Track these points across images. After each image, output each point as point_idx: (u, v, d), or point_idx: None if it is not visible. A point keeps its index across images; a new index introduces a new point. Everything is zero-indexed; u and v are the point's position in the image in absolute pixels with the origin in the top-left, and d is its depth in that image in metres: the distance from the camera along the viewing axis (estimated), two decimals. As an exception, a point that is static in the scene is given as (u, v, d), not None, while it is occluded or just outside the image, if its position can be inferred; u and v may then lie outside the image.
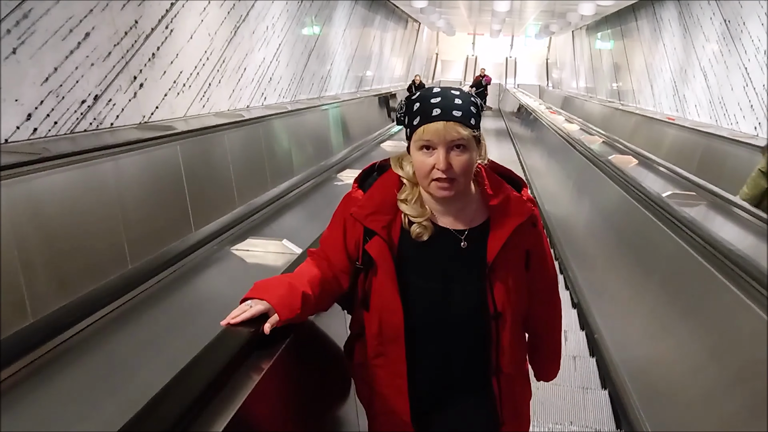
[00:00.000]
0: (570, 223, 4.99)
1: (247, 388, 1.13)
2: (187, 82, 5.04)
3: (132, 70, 4.22)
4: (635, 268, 3.10)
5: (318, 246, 1.43)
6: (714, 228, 2.44)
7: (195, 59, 5.17)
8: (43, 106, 3.41)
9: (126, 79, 4.15)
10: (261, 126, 5.51)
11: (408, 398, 1.35)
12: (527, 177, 8.06)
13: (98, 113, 3.89)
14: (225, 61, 5.76)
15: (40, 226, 2.70)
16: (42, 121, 3.41)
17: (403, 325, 1.30)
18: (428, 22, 18.80)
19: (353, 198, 1.36)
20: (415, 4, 12.72)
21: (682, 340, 2.30)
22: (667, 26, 10.46)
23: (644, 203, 3.07)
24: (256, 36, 6.55)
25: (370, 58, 13.77)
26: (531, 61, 25.24)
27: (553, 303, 1.49)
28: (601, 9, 12.53)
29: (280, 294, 1.28)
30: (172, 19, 4.71)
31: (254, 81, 6.61)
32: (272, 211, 5.05)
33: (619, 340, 2.90)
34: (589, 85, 16.88)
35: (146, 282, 3.26)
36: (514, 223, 1.29)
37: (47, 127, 3.45)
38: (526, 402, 1.50)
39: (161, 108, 4.64)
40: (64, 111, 3.56)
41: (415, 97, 1.27)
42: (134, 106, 4.28)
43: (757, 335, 1.79)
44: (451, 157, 1.21)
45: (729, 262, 2.01)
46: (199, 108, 5.33)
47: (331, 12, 9.76)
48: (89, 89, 3.78)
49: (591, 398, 2.63)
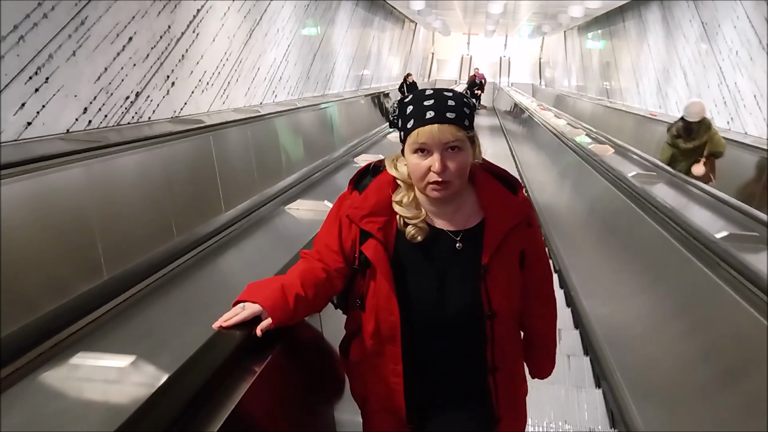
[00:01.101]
0: (554, 201, 5.56)
1: (240, 390, 1.15)
2: (210, 80, 5.56)
3: (165, 70, 4.74)
4: (603, 234, 3.66)
5: (311, 247, 1.43)
6: (668, 199, 2.99)
7: (216, 60, 5.70)
8: (96, 101, 3.93)
9: (161, 77, 4.68)
10: (303, 112, 6.26)
11: (404, 397, 1.36)
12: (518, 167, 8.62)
13: (139, 108, 4.41)
14: (242, 62, 6.28)
15: (114, 198, 3.25)
16: (95, 114, 3.93)
17: (399, 325, 1.31)
18: (425, 22, 19.34)
19: (348, 199, 1.36)
20: (412, 6, 13.24)
21: (639, 285, 2.86)
22: (651, 27, 11.03)
23: (613, 182, 3.63)
24: (268, 38, 7.08)
25: (369, 57, 14.29)
26: (525, 61, 25.81)
27: (547, 301, 1.50)
28: (590, 11, 13.10)
29: (273, 297, 1.29)
30: (198, 23, 5.23)
31: (266, 80, 7.14)
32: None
33: (589, 293, 3.46)
34: (580, 83, 17.46)
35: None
36: (509, 224, 1.31)
37: (99, 120, 3.97)
38: (522, 399, 1.52)
39: (189, 104, 5.17)
40: (112, 106, 4.09)
41: (407, 100, 1.28)
42: (167, 102, 4.80)
43: (685, 275, 2.33)
44: (446, 159, 1.22)
45: (676, 225, 2.56)
46: (220, 104, 5.86)
47: (333, 14, 10.29)
48: (132, 87, 4.30)
49: (585, 397, 2.68)
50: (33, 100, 3.34)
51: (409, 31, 20.34)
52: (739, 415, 1.79)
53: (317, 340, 1.65)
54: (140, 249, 3.40)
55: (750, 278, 1.86)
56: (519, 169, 8.55)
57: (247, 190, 4.91)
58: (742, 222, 2.62)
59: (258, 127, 5.53)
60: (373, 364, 1.38)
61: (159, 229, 3.66)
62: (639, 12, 11.80)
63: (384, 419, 1.42)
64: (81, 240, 2.99)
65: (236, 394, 1.14)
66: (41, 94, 3.40)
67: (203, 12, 5.29)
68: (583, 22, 16.27)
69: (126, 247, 3.28)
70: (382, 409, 1.41)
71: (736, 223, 2.65)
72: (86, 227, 3.02)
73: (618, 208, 3.51)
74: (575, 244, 4.34)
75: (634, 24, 12.17)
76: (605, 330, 3.06)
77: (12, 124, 3.22)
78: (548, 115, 9.27)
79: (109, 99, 4.04)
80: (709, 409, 1.97)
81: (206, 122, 4.73)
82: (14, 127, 3.24)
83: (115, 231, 3.22)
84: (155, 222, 3.64)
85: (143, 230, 3.49)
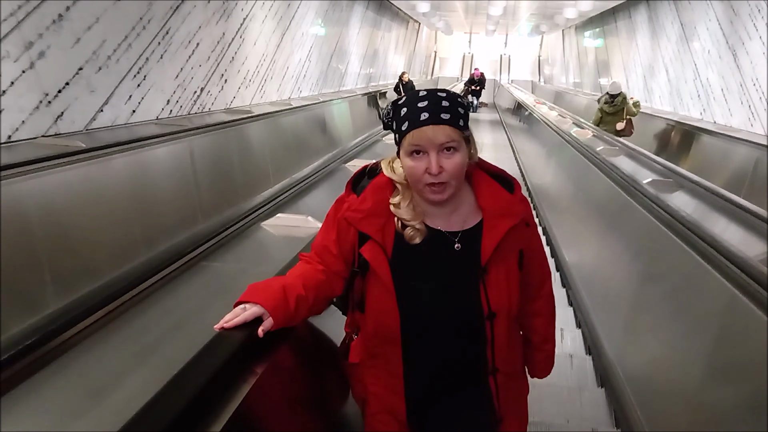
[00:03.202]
0: (543, 177, 6.54)
1: (242, 392, 1.17)
2: (252, 78, 6.55)
3: (221, 69, 5.73)
4: (583, 202, 4.63)
5: (310, 250, 1.43)
6: (628, 170, 3.94)
7: (256, 61, 6.68)
8: (174, 94, 4.91)
9: (218, 76, 5.66)
10: (326, 106, 7.56)
11: (404, 398, 1.38)
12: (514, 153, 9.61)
13: (202, 100, 5.40)
14: (275, 62, 7.27)
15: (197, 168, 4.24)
16: (174, 105, 4.91)
17: (399, 327, 1.32)
18: (428, 23, 20.29)
19: (346, 202, 1.36)
20: (418, 8, 14.21)
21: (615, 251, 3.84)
22: (639, 28, 11.99)
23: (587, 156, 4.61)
24: (295, 41, 8.06)
25: (377, 56, 15.27)
26: (525, 58, 26.67)
27: (546, 300, 1.51)
28: (583, 13, 14.05)
29: (274, 298, 1.30)
30: (244, 30, 6.22)
31: (293, 77, 8.13)
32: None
33: (565, 242, 4.43)
34: (577, 80, 18.39)
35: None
36: (507, 225, 1.31)
37: (177, 110, 4.96)
38: (523, 398, 1.53)
39: (237, 98, 6.16)
40: (185, 99, 5.07)
41: (401, 102, 1.28)
42: (221, 96, 5.79)
43: (629, 218, 3.30)
44: (442, 160, 1.22)
45: (637, 191, 3.49)
46: (258, 98, 6.84)
47: (348, 17, 11.27)
48: (198, 83, 5.29)
49: (587, 397, 2.71)
50: (136, 93, 4.33)
51: (413, 31, 21.30)
52: (683, 331, 2.20)
53: (319, 342, 1.68)
54: (227, 203, 4.44)
55: (661, 205, 2.82)
56: (515, 154, 9.54)
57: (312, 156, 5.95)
58: (664, 173, 3.55)
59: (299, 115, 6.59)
60: (373, 365, 1.40)
61: (232, 195, 4.66)
62: (629, 13, 12.75)
63: (384, 420, 1.42)
64: (185, 193, 4.00)
65: (238, 396, 1.15)
66: (141, 89, 4.38)
67: (248, 20, 6.28)
68: (580, 22, 17.22)
69: (217, 202, 4.31)
70: (382, 411, 1.42)
71: (659, 173, 3.58)
72: (185, 188, 4.02)
73: (589, 176, 4.49)
74: (558, 207, 5.33)
75: (625, 24, 13.12)
76: (573, 259, 4.05)
77: (123, 111, 4.20)
78: (543, 108, 10.26)
79: (183, 93, 5.03)
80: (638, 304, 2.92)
81: (255, 112, 5.72)
82: (125, 114, 4.22)
83: (209, 189, 4.24)
84: (229, 189, 4.66)
85: (221, 194, 4.49)
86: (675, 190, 3.17)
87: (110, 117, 4.03)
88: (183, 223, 3.90)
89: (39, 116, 3.38)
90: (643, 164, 4.03)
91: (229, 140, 4.98)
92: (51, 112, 3.47)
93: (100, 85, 3.89)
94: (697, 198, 2.98)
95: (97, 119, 3.90)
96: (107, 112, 3.99)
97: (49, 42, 3.40)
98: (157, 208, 3.72)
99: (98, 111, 3.90)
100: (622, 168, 3.79)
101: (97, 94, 3.88)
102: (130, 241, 3.31)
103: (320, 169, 6.64)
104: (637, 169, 3.85)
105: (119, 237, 3.23)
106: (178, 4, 4.79)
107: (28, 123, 3.30)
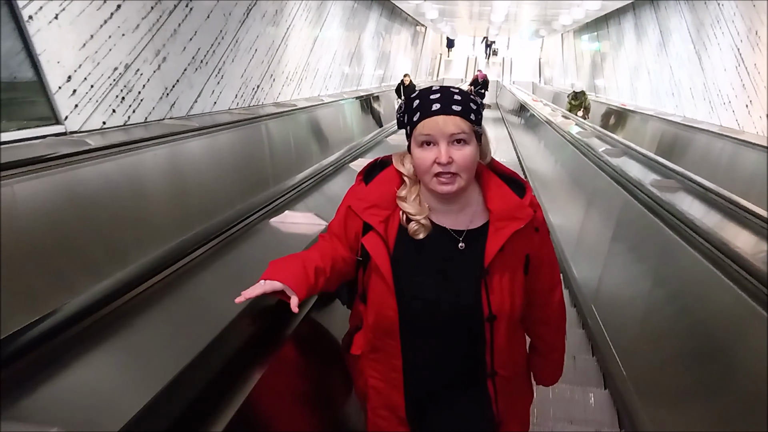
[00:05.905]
0: (536, 162, 7.81)
1: (249, 385, 1.21)
2: (291, 78, 7.84)
3: (270, 70, 7.02)
4: (564, 177, 5.90)
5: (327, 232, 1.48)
6: (615, 162, 5.18)
7: (295, 63, 7.98)
8: (240, 90, 6.20)
9: (269, 76, 6.95)
10: (349, 102, 8.49)
11: (403, 393, 1.39)
12: (513, 144, 10.90)
13: (257, 96, 6.69)
14: (309, 64, 8.57)
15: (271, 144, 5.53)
16: (240, 99, 6.20)
17: (397, 320, 1.32)
18: (435, 27, 21.55)
19: (355, 191, 1.39)
20: (427, 15, 15.54)
21: (582, 205, 5.11)
22: (626, 33, 13.24)
23: (569, 141, 5.90)
24: (324, 45, 9.36)
25: (389, 58, 16.57)
26: (526, 60, 27.77)
27: (555, 308, 1.48)
28: (578, 19, 15.34)
29: (295, 273, 1.32)
30: (288, 37, 7.51)
31: (321, 77, 9.42)
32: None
33: (554, 211, 5.71)
34: (574, 81, 19.61)
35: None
36: (513, 227, 1.30)
37: (241, 102, 6.25)
38: (524, 404, 1.53)
39: (281, 94, 7.45)
40: (247, 94, 6.36)
41: (414, 95, 1.30)
42: (271, 92, 7.09)
43: (609, 196, 4.57)
44: (452, 151, 1.23)
45: (616, 173, 4.75)
46: (296, 95, 8.13)
47: (365, 22, 12.57)
48: (256, 81, 6.58)
49: (591, 397, 2.72)
50: (216, 89, 5.61)
51: (419, 35, 22.60)
52: (669, 313, 2.42)
53: (323, 337, 1.68)
54: (288, 173, 5.71)
55: (614, 167, 4.08)
56: (514, 145, 10.83)
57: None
58: (649, 165, 4.79)
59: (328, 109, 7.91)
60: (374, 358, 1.41)
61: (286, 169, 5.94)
62: (619, 20, 14.00)
63: (384, 416, 1.44)
64: (262, 162, 5.28)
65: (244, 390, 1.18)
66: (220, 86, 5.67)
67: (291, 29, 7.57)
68: (577, 26, 18.48)
69: (280, 172, 5.59)
70: (381, 405, 1.44)
71: (644, 164, 4.84)
72: (262, 159, 5.31)
73: (573, 159, 5.77)
74: (548, 186, 6.60)
75: (615, 30, 14.37)
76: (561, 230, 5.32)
77: (208, 103, 5.49)
78: (539, 105, 11.56)
79: (246, 89, 6.32)
80: (603, 251, 4.17)
81: (300, 105, 7.02)
82: (209, 104, 5.51)
83: (275, 163, 5.52)
84: (289, 162, 5.96)
85: (283, 165, 5.79)
86: (621, 156, 4.44)
87: (201, 106, 5.32)
88: (260, 184, 5.19)
89: (162, 104, 4.67)
90: (606, 141, 5.31)
91: (287, 126, 6.28)
92: (168, 101, 4.76)
93: (195, 82, 5.17)
94: (639, 163, 4.27)
95: (193, 108, 5.19)
96: (200, 102, 5.28)
97: (168, 50, 4.69)
98: (246, 173, 5.02)
99: (194, 102, 5.19)
100: (593, 145, 5.07)
101: (194, 89, 5.17)
102: (239, 190, 4.61)
103: (357, 143, 7.96)
104: (600, 145, 5.13)
105: (228, 187, 4.53)
106: (244, 19, 6.08)
107: (156, 109, 4.59)
